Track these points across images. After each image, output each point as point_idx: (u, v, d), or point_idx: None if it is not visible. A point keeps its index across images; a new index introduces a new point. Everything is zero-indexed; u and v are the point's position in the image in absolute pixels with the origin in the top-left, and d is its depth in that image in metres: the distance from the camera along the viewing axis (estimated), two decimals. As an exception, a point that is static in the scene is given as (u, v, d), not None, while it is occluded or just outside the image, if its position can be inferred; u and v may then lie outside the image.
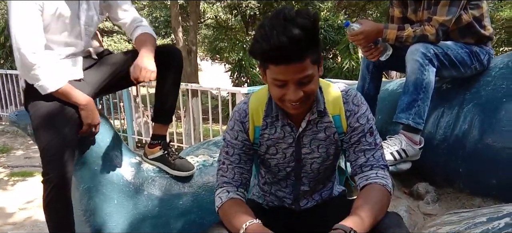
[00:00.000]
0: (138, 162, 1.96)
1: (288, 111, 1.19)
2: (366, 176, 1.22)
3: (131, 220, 1.82)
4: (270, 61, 1.07)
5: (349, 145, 1.27)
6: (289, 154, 1.31)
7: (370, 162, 1.23)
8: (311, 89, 1.12)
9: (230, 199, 1.24)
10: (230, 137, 1.31)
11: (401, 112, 1.87)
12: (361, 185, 1.23)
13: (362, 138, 1.25)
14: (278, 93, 1.12)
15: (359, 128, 1.25)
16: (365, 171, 1.23)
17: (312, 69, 1.09)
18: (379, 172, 1.22)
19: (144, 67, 1.66)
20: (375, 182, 1.20)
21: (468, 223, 1.76)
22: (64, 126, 1.61)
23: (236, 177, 1.29)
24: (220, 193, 1.27)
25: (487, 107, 1.90)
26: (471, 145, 1.91)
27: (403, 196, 2.06)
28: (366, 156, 1.24)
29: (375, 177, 1.21)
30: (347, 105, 1.26)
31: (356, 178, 1.26)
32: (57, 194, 1.57)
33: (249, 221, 1.12)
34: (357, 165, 1.25)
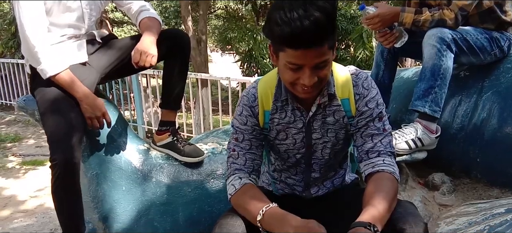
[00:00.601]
0: (146, 149, 1.93)
1: (298, 96, 1.15)
2: (372, 163, 1.18)
3: (139, 207, 1.80)
4: (289, 44, 1.02)
5: (356, 130, 1.23)
6: (299, 140, 1.27)
7: (377, 148, 1.19)
8: (324, 74, 1.08)
9: (243, 186, 1.20)
10: (239, 123, 1.27)
11: (417, 100, 1.80)
12: (367, 172, 1.19)
13: (370, 122, 1.20)
14: (291, 77, 1.08)
15: (367, 112, 1.20)
16: (371, 157, 1.19)
17: (328, 54, 1.06)
18: (386, 159, 1.18)
19: (144, 51, 1.62)
20: (383, 170, 1.15)
21: (486, 214, 1.70)
22: (70, 111, 1.59)
23: (248, 163, 1.25)
24: (232, 180, 1.24)
25: (507, 95, 1.83)
26: (490, 134, 1.84)
27: (418, 186, 2.00)
28: (373, 141, 1.20)
29: (382, 165, 1.16)
30: (357, 88, 1.22)
31: (361, 164, 1.22)
32: (64, 179, 1.55)
33: (266, 206, 1.09)
34: (363, 151, 1.21)
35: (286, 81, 1.12)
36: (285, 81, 1.13)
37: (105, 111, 1.67)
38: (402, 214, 1.06)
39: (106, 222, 1.78)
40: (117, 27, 13.74)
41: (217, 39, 14.47)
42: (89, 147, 1.77)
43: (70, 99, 1.61)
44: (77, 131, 1.58)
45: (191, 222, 1.82)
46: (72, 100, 1.61)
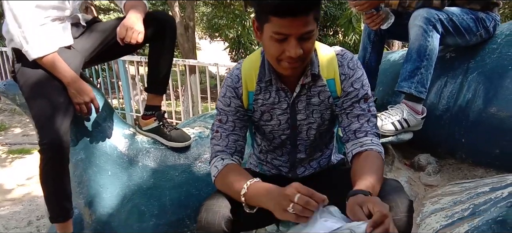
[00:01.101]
0: (132, 134, 1.91)
1: (283, 73, 1.13)
2: (360, 142, 1.18)
3: (125, 192, 1.78)
4: (275, 13, 1.01)
5: (342, 110, 1.22)
6: (284, 121, 1.27)
7: (364, 128, 1.19)
8: (309, 47, 1.07)
9: (226, 166, 1.19)
10: (222, 105, 1.26)
11: (403, 81, 1.81)
12: (354, 152, 1.18)
13: (355, 103, 1.20)
14: (276, 49, 1.06)
15: (353, 93, 1.20)
16: (359, 137, 1.19)
17: (313, 26, 1.04)
18: (373, 139, 1.18)
19: (130, 27, 1.56)
20: (371, 148, 1.15)
21: (470, 193, 1.73)
22: (58, 95, 1.56)
23: (230, 144, 1.24)
24: (215, 162, 1.23)
25: (492, 76, 1.84)
26: (475, 115, 1.86)
27: (404, 167, 2.02)
28: (360, 121, 1.20)
29: (370, 144, 1.17)
30: (342, 68, 1.21)
31: (348, 144, 1.21)
32: (54, 163, 1.52)
33: (250, 180, 1.08)
34: (350, 131, 1.20)
35: (271, 56, 1.10)
36: (271, 56, 1.11)
37: (93, 96, 1.63)
38: (388, 191, 1.07)
39: (91, 207, 1.76)
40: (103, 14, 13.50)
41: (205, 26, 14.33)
42: (74, 131, 1.74)
43: (57, 83, 1.57)
44: (66, 114, 1.55)
45: (178, 206, 1.81)
46: (60, 84, 1.58)
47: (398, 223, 1.00)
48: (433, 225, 1.68)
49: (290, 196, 0.95)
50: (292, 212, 0.94)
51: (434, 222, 1.69)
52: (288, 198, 0.95)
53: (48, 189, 1.57)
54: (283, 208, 0.96)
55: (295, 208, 0.93)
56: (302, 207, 0.93)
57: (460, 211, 1.66)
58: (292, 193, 0.95)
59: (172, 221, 1.81)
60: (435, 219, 1.70)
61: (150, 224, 1.78)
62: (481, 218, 1.55)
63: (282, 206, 0.96)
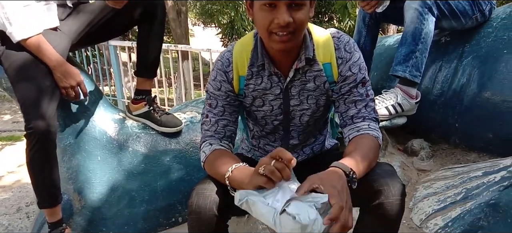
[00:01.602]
0: (121, 118, 1.87)
1: (275, 47, 1.09)
2: (357, 127, 1.15)
3: (116, 177, 1.75)
4: None
5: (339, 96, 1.19)
6: (276, 106, 1.23)
7: (362, 113, 1.16)
8: (300, 18, 1.04)
9: (213, 151, 1.17)
10: (212, 89, 1.22)
11: (398, 64, 1.78)
12: (351, 136, 1.15)
13: (353, 88, 1.16)
14: (266, 18, 1.04)
15: (351, 78, 1.16)
16: (356, 122, 1.16)
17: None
18: (371, 124, 1.16)
19: None
20: (367, 133, 1.13)
21: (463, 178, 1.72)
22: (44, 78, 1.51)
23: (219, 129, 1.22)
24: (203, 147, 1.21)
25: (487, 59, 1.82)
26: (469, 99, 1.85)
27: (397, 152, 2.01)
28: (357, 107, 1.17)
29: (367, 129, 1.14)
30: (339, 51, 1.17)
31: (345, 129, 1.19)
32: (41, 148, 1.48)
33: (236, 164, 1.06)
34: (347, 116, 1.18)
35: (262, 27, 1.07)
36: (261, 28, 1.07)
37: (80, 80, 1.58)
38: (380, 174, 1.05)
39: (81, 193, 1.73)
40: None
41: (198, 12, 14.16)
42: (62, 116, 1.70)
43: (42, 66, 1.52)
44: (52, 98, 1.50)
45: (169, 191, 1.79)
46: (46, 68, 1.52)
47: (390, 207, 0.99)
48: (426, 209, 1.68)
49: (263, 161, 0.97)
50: (263, 173, 0.96)
51: (427, 206, 1.69)
52: (261, 163, 0.97)
53: (35, 175, 1.54)
54: (256, 173, 0.98)
55: (266, 169, 0.95)
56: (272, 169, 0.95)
57: (452, 195, 1.66)
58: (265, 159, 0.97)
59: (163, 207, 1.79)
60: (428, 203, 1.70)
61: (140, 209, 1.76)
62: (474, 202, 1.54)
63: (255, 172, 0.98)
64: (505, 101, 1.74)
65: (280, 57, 1.16)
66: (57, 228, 1.62)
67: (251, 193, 0.95)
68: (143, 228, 1.76)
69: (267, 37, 1.07)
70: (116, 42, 4.68)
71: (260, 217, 0.93)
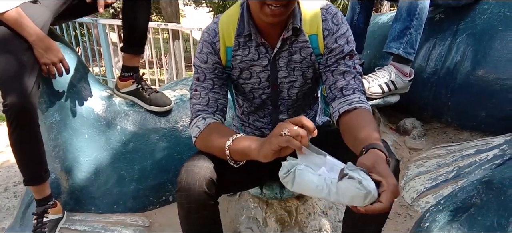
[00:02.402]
0: (109, 95, 1.82)
1: (266, 20, 1.05)
2: (349, 100, 1.10)
3: (104, 155, 1.72)
4: None
5: (325, 67, 1.15)
6: (264, 79, 1.19)
7: (351, 85, 1.12)
8: None
9: (209, 125, 1.13)
10: (199, 62, 1.18)
11: (392, 41, 1.75)
12: (341, 110, 1.10)
13: (340, 60, 1.12)
14: None
15: (337, 49, 1.12)
16: (347, 94, 1.11)
17: None
18: (361, 96, 1.11)
19: None
20: (360, 106, 1.08)
21: (455, 156, 1.72)
22: (21, 53, 1.44)
23: (211, 102, 1.17)
24: (196, 122, 1.16)
25: (482, 37, 1.80)
26: (462, 77, 1.83)
27: (390, 131, 2.00)
28: (346, 78, 1.12)
29: (359, 102, 1.09)
30: (326, 23, 1.13)
31: (334, 103, 1.13)
32: (20, 125, 1.43)
33: (233, 137, 1.02)
34: (336, 89, 1.13)
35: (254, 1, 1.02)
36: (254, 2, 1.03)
37: (62, 57, 1.52)
38: None
39: (69, 172, 1.69)
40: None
41: (190, -8, 13.90)
42: (47, 92, 1.65)
43: (21, 41, 1.46)
44: (31, 74, 1.44)
45: (159, 170, 1.76)
46: (25, 43, 1.46)
47: None
48: (417, 187, 1.67)
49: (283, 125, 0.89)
50: (287, 134, 0.87)
51: (418, 184, 1.68)
52: (282, 126, 0.89)
53: (17, 152, 1.49)
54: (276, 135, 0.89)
55: (292, 132, 0.87)
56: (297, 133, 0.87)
57: (444, 174, 1.65)
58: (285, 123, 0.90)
59: (153, 185, 1.76)
60: (419, 181, 1.69)
61: (130, 188, 1.73)
62: (466, 180, 1.54)
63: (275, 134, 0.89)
64: (499, 79, 1.73)
65: (267, 27, 1.12)
66: (45, 204, 1.59)
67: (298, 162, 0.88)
68: (133, 207, 1.74)
69: (259, 7, 1.03)
70: (105, 20, 4.57)
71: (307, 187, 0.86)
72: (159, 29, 4.41)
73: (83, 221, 1.66)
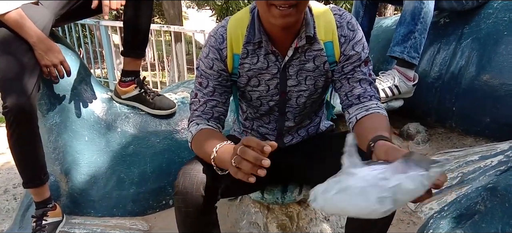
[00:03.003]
0: (110, 98, 1.81)
1: (276, 22, 1.01)
2: (366, 106, 1.08)
3: (104, 158, 1.70)
4: None
5: (342, 75, 1.12)
6: (273, 87, 1.16)
7: (368, 92, 1.10)
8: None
9: (199, 130, 1.11)
10: (204, 66, 1.15)
11: (396, 45, 1.73)
12: (359, 116, 1.08)
13: (357, 67, 1.10)
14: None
15: (355, 57, 1.10)
16: (363, 101, 1.10)
17: None
18: (378, 103, 1.09)
19: None
20: (378, 112, 1.06)
21: (459, 162, 1.69)
22: (23, 54, 1.43)
23: (207, 109, 1.15)
24: (190, 127, 1.15)
25: (487, 42, 1.78)
26: (467, 82, 1.81)
27: (393, 136, 1.98)
28: (362, 86, 1.10)
29: (376, 107, 1.07)
30: (342, 29, 1.10)
31: (351, 109, 1.11)
32: (19, 127, 1.42)
33: (221, 143, 1.00)
34: (353, 96, 1.11)
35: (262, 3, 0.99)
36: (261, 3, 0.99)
37: (63, 59, 1.50)
38: None
39: (68, 174, 1.68)
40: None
41: (193, -6, 13.94)
42: (47, 94, 1.64)
43: (22, 42, 1.45)
44: (31, 75, 1.43)
45: (160, 173, 1.74)
46: (26, 44, 1.45)
47: None
48: (421, 193, 1.65)
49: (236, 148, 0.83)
50: (234, 165, 0.83)
51: (422, 191, 1.66)
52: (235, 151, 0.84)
53: (16, 154, 1.48)
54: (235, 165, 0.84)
55: (236, 161, 0.83)
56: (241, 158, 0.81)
57: (448, 180, 1.63)
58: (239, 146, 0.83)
59: (153, 189, 1.74)
60: (423, 187, 1.67)
61: (130, 192, 1.71)
62: (470, 186, 1.52)
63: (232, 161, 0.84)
64: (504, 84, 1.70)
65: (279, 35, 1.09)
66: (44, 207, 1.58)
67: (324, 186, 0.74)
68: (132, 210, 1.72)
69: (267, 10, 0.99)
70: (107, 22, 4.57)
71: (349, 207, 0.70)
72: (162, 31, 4.40)
73: (82, 224, 1.65)
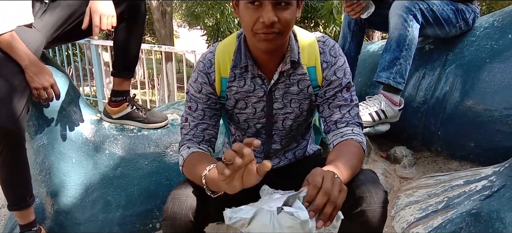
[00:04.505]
0: (99, 119, 1.80)
1: (260, 46, 1.06)
2: (341, 132, 1.14)
3: (91, 181, 1.69)
4: None
5: (323, 100, 1.18)
6: (259, 109, 1.20)
7: (345, 118, 1.15)
8: (285, 18, 1.01)
9: (191, 154, 1.13)
10: (193, 90, 1.19)
11: (382, 71, 1.77)
12: (335, 142, 1.14)
13: (338, 93, 1.15)
14: (251, 17, 1.01)
15: (336, 82, 1.15)
16: (340, 127, 1.15)
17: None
18: (354, 129, 1.14)
19: (103, 14, 1.47)
20: (352, 138, 1.11)
21: (445, 186, 1.72)
22: (13, 77, 1.43)
23: (198, 133, 1.18)
24: (182, 151, 1.17)
25: (470, 68, 1.83)
26: (452, 107, 1.85)
27: (380, 159, 2.00)
28: (341, 112, 1.15)
29: (351, 134, 1.13)
30: (324, 55, 1.15)
31: (329, 135, 1.17)
32: (7, 149, 1.41)
33: (210, 166, 1.01)
34: (331, 121, 1.16)
35: (247, 26, 1.04)
36: (246, 27, 1.04)
37: (53, 82, 1.51)
38: (363, 181, 1.03)
39: (54, 197, 1.66)
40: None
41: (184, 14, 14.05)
42: (35, 116, 1.63)
43: (13, 64, 1.45)
44: (21, 98, 1.43)
45: (147, 195, 1.73)
46: (17, 66, 1.45)
47: (372, 214, 0.97)
48: (407, 217, 1.66)
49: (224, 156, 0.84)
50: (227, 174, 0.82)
51: (408, 214, 1.67)
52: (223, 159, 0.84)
53: (3, 176, 1.46)
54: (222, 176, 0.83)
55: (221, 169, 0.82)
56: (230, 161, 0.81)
57: (434, 204, 1.65)
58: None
59: (140, 212, 1.72)
60: (410, 211, 1.69)
61: (116, 215, 1.69)
62: (455, 211, 1.54)
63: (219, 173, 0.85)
64: (487, 110, 1.75)
65: (264, 59, 1.14)
66: (29, 230, 1.55)
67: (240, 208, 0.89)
68: (118, 234, 1.70)
69: (252, 37, 1.05)
70: (98, 41, 4.58)
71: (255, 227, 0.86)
72: (153, 50, 4.42)
73: (67, 248, 1.62)
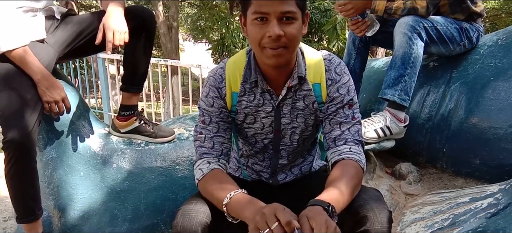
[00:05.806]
0: (107, 133, 1.83)
1: (268, 62, 1.09)
2: (338, 150, 1.15)
3: (98, 194, 1.70)
4: None
5: (326, 116, 1.20)
6: (267, 124, 1.23)
7: (344, 136, 1.16)
8: (291, 32, 1.04)
9: (212, 170, 1.15)
10: (205, 105, 1.21)
11: (387, 88, 1.79)
12: (333, 161, 1.15)
13: (339, 109, 1.17)
14: (258, 32, 1.05)
15: (338, 99, 1.17)
16: (338, 145, 1.16)
17: (296, 9, 1.04)
18: (352, 147, 1.15)
19: (116, 30, 1.51)
20: (348, 157, 1.13)
21: (450, 203, 1.72)
22: (26, 90, 1.47)
23: (216, 146, 1.19)
24: (200, 164, 1.18)
25: (474, 86, 1.84)
26: (456, 124, 1.86)
27: (385, 175, 2.00)
28: (341, 129, 1.17)
29: (348, 152, 1.14)
30: (329, 73, 1.18)
31: (328, 152, 1.19)
32: (19, 162, 1.44)
33: (235, 191, 1.03)
34: (330, 138, 1.18)
35: (254, 41, 1.07)
36: (254, 42, 1.08)
37: (65, 96, 1.54)
38: (366, 200, 1.04)
39: (61, 210, 1.67)
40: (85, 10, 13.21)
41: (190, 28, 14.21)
42: (45, 129, 1.66)
43: (26, 78, 1.48)
44: (33, 111, 1.46)
45: (153, 209, 1.74)
46: (29, 80, 1.49)
47: None
48: (414, 234, 1.66)
49: (268, 218, 0.89)
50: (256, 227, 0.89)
51: (414, 231, 1.67)
52: (265, 219, 0.89)
53: (13, 189, 1.49)
54: (257, 228, 0.90)
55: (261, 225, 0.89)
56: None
57: (440, 221, 1.65)
58: (270, 216, 0.88)
59: (146, 226, 1.74)
60: (415, 228, 1.68)
61: (123, 228, 1.70)
62: (461, 228, 1.53)
63: (257, 225, 0.90)
64: (492, 127, 1.76)
65: (273, 74, 1.17)
66: None
67: None
68: (124, 247, 1.70)
69: (260, 52, 1.08)
70: (105, 54, 4.64)
71: None
72: (159, 64, 4.48)
73: (73, 261, 1.63)
